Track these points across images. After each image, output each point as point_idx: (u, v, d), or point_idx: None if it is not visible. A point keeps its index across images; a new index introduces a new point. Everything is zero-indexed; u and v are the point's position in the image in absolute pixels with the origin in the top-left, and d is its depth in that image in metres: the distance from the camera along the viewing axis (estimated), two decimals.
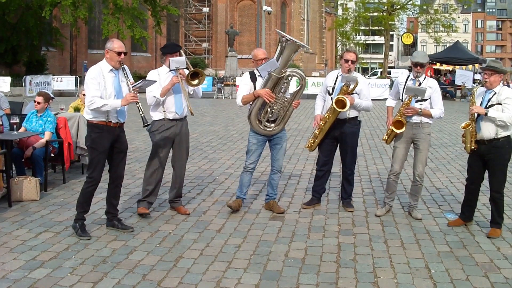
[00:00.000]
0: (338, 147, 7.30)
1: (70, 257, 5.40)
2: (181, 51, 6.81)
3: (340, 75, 7.08)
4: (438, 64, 36.77)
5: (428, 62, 7.00)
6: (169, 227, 6.41)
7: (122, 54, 5.94)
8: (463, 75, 7.66)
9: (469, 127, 6.21)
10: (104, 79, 5.89)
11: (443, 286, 4.85)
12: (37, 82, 26.85)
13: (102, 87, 5.86)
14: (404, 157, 7.01)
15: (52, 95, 10.40)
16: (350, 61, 6.95)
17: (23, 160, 8.19)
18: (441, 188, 8.62)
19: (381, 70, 60.73)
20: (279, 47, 6.75)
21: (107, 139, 5.99)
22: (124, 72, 6.02)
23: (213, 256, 5.50)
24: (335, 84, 7.11)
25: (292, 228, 6.47)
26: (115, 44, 5.94)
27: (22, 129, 8.29)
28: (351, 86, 6.84)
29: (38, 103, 8.40)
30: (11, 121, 8.09)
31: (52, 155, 8.45)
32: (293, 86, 7.34)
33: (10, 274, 4.95)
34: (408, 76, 7.02)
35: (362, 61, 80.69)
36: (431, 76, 36.63)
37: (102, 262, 5.29)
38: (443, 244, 5.96)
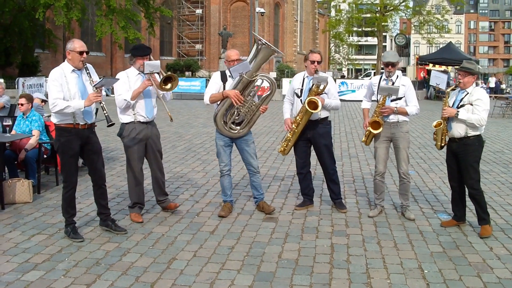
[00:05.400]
0: (312, 148, 7.31)
1: (63, 259, 5.39)
2: (150, 55, 6.77)
3: (307, 77, 7.11)
4: (431, 65, 36.92)
5: (399, 61, 7.07)
6: (162, 229, 6.41)
7: (84, 54, 5.90)
8: (438, 77, 7.75)
9: (441, 126, 6.39)
10: (67, 80, 5.83)
11: (436, 287, 4.86)
12: (30, 84, 26.77)
13: (65, 89, 5.80)
14: (386, 156, 7.05)
15: (45, 98, 10.39)
16: (316, 62, 6.98)
17: (15, 162, 8.17)
18: (434, 189, 8.65)
19: (374, 71, 60.83)
20: (254, 49, 6.75)
21: (76, 142, 5.94)
22: (87, 71, 5.96)
23: (207, 257, 5.50)
24: (302, 86, 7.13)
25: (286, 229, 6.48)
26: (76, 44, 5.89)
27: (13, 133, 8.27)
28: (321, 86, 6.86)
29: (22, 104, 8.41)
30: (4, 123, 8.07)
31: (45, 156, 8.44)
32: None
33: (3, 277, 4.93)
34: (381, 76, 7.06)
35: (355, 62, 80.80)
36: (424, 77, 36.80)
37: (95, 264, 5.28)
38: (436, 245, 5.98)
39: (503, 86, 44.90)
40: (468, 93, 6.33)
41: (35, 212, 7.04)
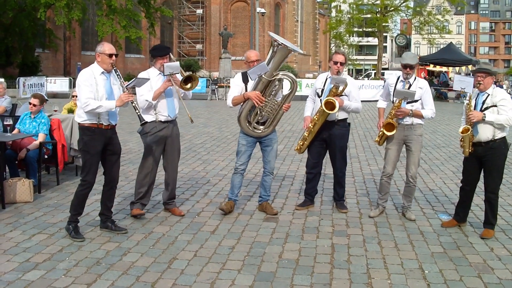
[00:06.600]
0: (327, 149, 7.31)
1: (64, 258, 5.39)
2: (170, 53, 6.82)
3: (329, 77, 7.09)
4: (431, 65, 36.91)
5: (418, 63, 6.99)
6: (163, 229, 6.41)
7: (113, 56, 5.95)
8: (463, 81, 7.61)
9: (469, 132, 6.16)
10: (96, 82, 5.89)
11: (436, 287, 4.86)
12: (30, 84, 26.75)
13: (94, 89, 5.86)
14: (396, 158, 7.02)
15: (45, 97, 10.37)
16: (339, 63, 6.95)
17: (16, 161, 8.16)
18: (434, 189, 8.65)
19: (375, 71, 60.82)
20: (270, 51, 6.73)
21: (99, 142, 5.99)
22: (117, 73, 6.04)
23: (207, 257, 5.50)
24: (324, 86, 7.11)
25: (286, 229, 6.48)
26: (106, 47, 5.95)
27: (15, 131, 8.26)
28: (340, 88, 6.84)
29: (34, 105, 8.37)
30: (5, 123, 8.06)
31: (46, 156, 8.44)
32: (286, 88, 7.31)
33: (3, 276, 4.93)
34: (399, 77, 7.01)
35: (356, 62, 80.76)
36: (424, 77, 36.80)
37: (96, 263, 5.28)
38: (436, 245, 5.98)
39: (504, 87, 44.75)
40: (489, 94, 6.18)
41: (35, 212, 7.04)
